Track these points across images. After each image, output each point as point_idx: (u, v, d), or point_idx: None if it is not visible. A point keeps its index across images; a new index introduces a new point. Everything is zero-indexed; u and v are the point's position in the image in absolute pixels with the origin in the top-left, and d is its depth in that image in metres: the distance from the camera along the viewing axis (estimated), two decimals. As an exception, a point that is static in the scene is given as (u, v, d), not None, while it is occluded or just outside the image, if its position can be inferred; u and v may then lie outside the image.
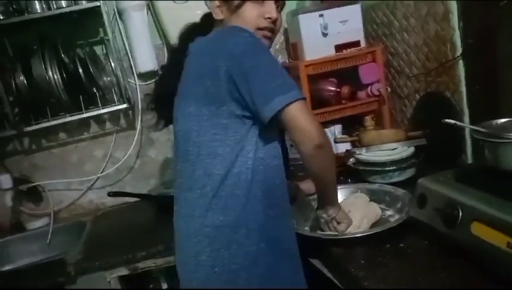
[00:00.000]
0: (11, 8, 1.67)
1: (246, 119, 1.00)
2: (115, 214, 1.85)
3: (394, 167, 1.47)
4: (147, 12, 1.84)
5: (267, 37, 1.10)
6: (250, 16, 1.07)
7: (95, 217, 1.82)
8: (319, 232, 1.21)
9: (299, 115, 0.94)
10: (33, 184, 1.88)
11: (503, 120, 1.10)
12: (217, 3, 1.09)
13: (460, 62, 1.39)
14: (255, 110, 0.97)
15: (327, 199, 1.14)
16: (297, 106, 0.94)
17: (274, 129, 1.04)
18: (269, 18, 1.07)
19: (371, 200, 1.33)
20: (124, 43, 1.88)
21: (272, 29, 1.10)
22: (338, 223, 1.16)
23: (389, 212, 1.29)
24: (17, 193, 1.84)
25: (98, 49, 1.86)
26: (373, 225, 1.22)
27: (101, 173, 1.93)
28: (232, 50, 0.97)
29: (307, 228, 1.27)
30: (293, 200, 1.29)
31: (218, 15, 1.09)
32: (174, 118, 1.12)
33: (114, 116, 1.93)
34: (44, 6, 1.65)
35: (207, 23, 1.14)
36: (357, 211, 1.21)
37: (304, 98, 0.97)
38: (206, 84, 0.99)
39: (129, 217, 1.80)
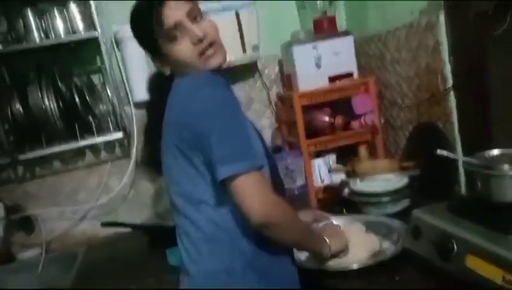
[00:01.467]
0: (9, 38, 1.69)
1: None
2: (108, 245, 1.82)
3: (389, 198, 1.47)
4: (144, 43, 1.87)
5: (213, 54, 1.02)
6: (186, 53, 1.01)
7: (87, 248, 1.80)
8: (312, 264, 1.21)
9: (242, 192, 0.91)
10: (25, 214, 1.86)
11: (495, 151, 1.11)
12: (160, 63, 1.08)
13: (452, 93, 1.41)
14: (213, 168, 0.94)
15: (309, 251, 1.17)
16: (244, 179, 0.90)
17: None
18: (199, 40, 1.00)
19: (367, 231, 1.32)
20: (120, 72, 1.90)
21: (210, 43, 1.02)
22: (336, 257, 1.16)
23: (385, 244, 1.28)
24: (9, 222, 1.82)
25: (95, 78, 1.88)
26: (371, 256, 1.20)
27: (95, 202, 1.92)
28: (193, 108, 0.95)
29: (302, 259, 1.26)
30: None
31: (167, 70, 1.08)
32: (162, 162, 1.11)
33: (109, 144, 1.93)
34: (42, 35, 1.67)
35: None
36: (354, 242, 1.21)
37: (257, 168, 0.93)
38: (180, 135, 0.98)
39: (122, 247, 1.77)
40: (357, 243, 1.21)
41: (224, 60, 1.06)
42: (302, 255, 1.27)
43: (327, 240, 1.13)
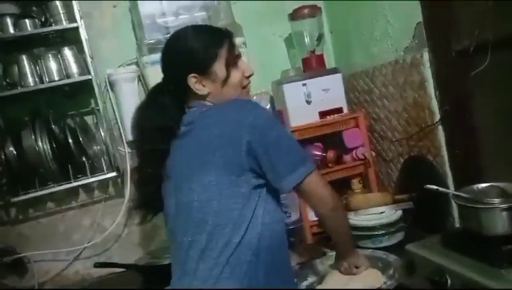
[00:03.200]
0: (4, 82, 1.72)
1: (258, 188, 1.05)
2: (101, 286, 1.79)
3: (383, 231, 1.47)
4: (138, 84, 1.91)
5: (248, 90, 1.21)
6: (236, 81, 1.15)
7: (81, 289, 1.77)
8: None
9: (316, 185, 1.07)
10: (18, 256, 1.83)
11: (484, 185, 1.13)
12: (193, 79, 1.12)
13: (440, 127, 1.44)
14: (275, 180, 1.04)
15: (345, 250, 1.24)
16: (314, 176, 1.06)
17: (278, 196, 1.10)
18: (249, 76, 1.19)
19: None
20: (114, 113, 1.92)
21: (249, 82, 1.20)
22: (357, 267, 1.23)
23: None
24: (2, 265, 1.79)
25: (89, 119, 1.90)
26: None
27: (88, 242, 1.90)
28: (254, 123, 1.03)
29: None
30: None
31: (202, 90, 1.13)
32: (179, 187, 1.10)
33: (103, 184, 1.93)
34: (37, 80, 1.70)
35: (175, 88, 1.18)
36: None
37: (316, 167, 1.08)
38: (227, 154, 1.03)
39: (116, 288, 1.74)
40: (358, 277, 1.21)
41: None
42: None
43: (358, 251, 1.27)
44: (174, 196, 1.12)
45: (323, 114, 1.75)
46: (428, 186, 1.12)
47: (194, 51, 1.13)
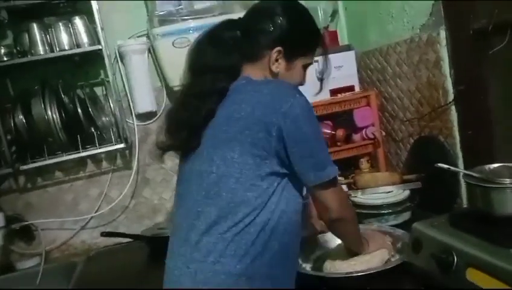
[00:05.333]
0: (15, 50, 1.72)
1: (280, 175, 1.01)
2: (107, 255, 1.82)
3: (390, 210, 1.47)
4: (148, 56, 1.90)
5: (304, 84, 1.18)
6: (295, 81, 1.13)
7: (86, 258, 1.79)
8: (308, 269, 1.25)
9: (334, 190, 1.04)
10: (26, 223, 1.86)
11: (495, 165, 1.11)
12: (277, 53, 1.08)
13: (453, 108, 1.42)
14: (301, 172, 1.01)
15: (355, 249, 1.23)
16: (333, 183, 1.04)
17: (301, 188, 1.07)
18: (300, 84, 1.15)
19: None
20: (124, 85, 1.92)
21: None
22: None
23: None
24: (9, 231, 1.82)
25: (98, 90, 1.90)
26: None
27: (95, 212, 1.92)
28: (288, 111, 0.98)
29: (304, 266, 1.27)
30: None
31: (275, 67, 1.10)
32: (200, 155, 1.06)
33: (110, 155, 1.94)
34: (47, 48, 1.69)
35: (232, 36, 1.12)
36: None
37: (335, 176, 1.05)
38: (257, 136, 0.98)
39: (121, 258, 1.77)
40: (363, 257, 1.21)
41: None
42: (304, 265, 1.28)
43: (367, 241, 1.24)
44: (192, 161, 1.08)
45: (334, 92, 1.73)
46: (439, 164, 1.10)
47: (307, 31, 1.14)
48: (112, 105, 1.77)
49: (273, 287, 1.01)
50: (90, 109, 1.75)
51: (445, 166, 1.11)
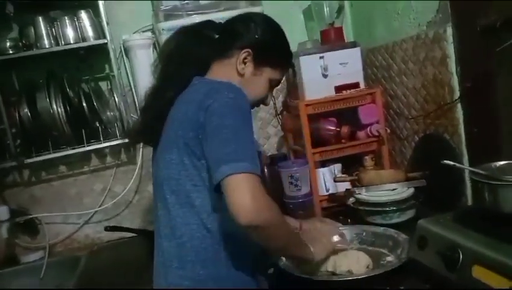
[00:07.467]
0: (20, 43, 1.72)
1: None
2: (111, 250, 1.83)
3: (394, 208, 1.46)
4: (153, 51, 1.89)
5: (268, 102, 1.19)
6: (258, 95, 1.14)
7: (90, 252, 1.80)
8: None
9: (236, 189, 0.86)
10: (30, 216, 1.87)
11: (502, 163, 1.11)
12: (246, 54, 1.09)
13: (459, 105, 1.41)
14: (210, 169, 0.92)
15: (293, 257, 1.14)
16: (240, 178, 0.86)
17: None
18: (264, 104, 1.18)
19: (374, 243, 1.33)
20: (128, 79, 1.92)
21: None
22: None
23: (389, 258, 1.26)
24: (14, 225, 1.82)
25: (103, 85, 1.90)
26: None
27: (99, 207, 1.92)
28: (209, 106, 0.94)
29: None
30: None
31: (241, 68, 1.10)
32: (154, 159, 1.10)
33: (115, 150, 1.94)
34: (52, 42, 1.70)
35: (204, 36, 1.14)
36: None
37: (255, 173, 0.88)
38: (188, 135, 0.97)
39: (125, 252, 1.77)
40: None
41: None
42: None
43: (311, 248, 1.09)
44: (155, 162, 1.11)
45: (339, 88, 1.73)
46: (445, 161, 1.10)
47: (280, 45, 1.17)
48: (116, 99, 1.77)
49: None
50: (95, 103, 1.75)
51: (451, 163, 1.11)
